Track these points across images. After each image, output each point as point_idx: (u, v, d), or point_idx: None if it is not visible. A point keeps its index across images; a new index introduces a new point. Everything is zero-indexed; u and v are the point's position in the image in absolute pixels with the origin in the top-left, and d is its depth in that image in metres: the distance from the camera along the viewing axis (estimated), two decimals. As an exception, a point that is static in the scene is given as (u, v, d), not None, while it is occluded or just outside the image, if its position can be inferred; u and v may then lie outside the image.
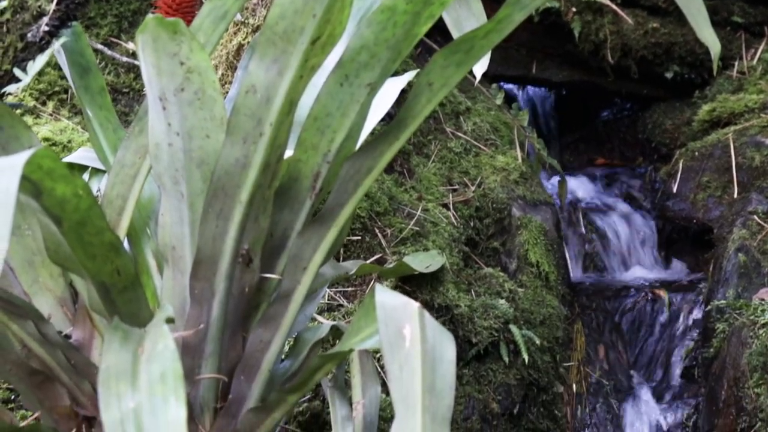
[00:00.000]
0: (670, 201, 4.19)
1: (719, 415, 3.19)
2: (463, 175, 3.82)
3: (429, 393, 1.24)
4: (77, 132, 3.08)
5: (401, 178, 3.53)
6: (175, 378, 1.02)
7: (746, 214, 3.58)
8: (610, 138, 5.29)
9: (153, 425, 0.99)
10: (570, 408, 3.63)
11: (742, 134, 3.96)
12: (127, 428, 0.99)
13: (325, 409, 2.44)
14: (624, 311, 3.95)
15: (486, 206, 3.77)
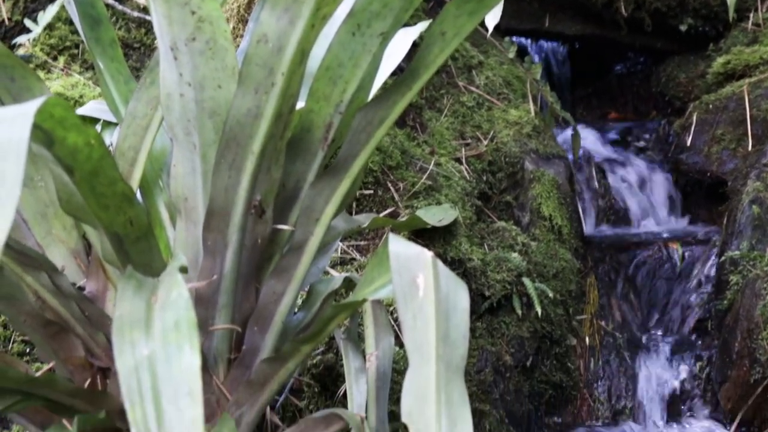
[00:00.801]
0: (683, 154, 4.17)
1: (732, 367, 3.19)
2: (475, 129, 3.80)
3: (443, 342, 1.24)
4: (89, 87, 3.07)
5: (414, 133, 3.52)
6: (189, 326, 1.02)
7: (761, 166, 3.56)
8: (624, 92, 5.26)
9: (167, 373, 0.99)
10: (583, 360, 3.63)
11: (757, 86, 3.93)
12: (141, 376, 0.99)
13: (338, 361, 2.44)
14: (637, 264, 3.94)
15: (499, 160, 3.76)
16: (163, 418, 0.96)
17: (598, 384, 3.61)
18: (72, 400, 1.35)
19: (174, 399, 0.97)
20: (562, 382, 3.51)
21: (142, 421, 0.96)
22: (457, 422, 1.27)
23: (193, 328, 1.02)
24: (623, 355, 3.65)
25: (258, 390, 1.61)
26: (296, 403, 2.32)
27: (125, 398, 0.96)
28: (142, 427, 0.95)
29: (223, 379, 1.68)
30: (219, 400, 1.65)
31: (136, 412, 0.96)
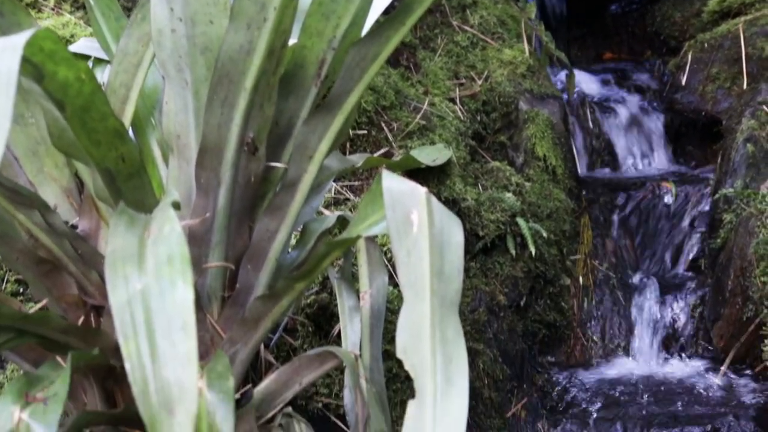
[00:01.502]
0: (678, 94, 4.15)
1: (725, 305, 3.20)
2: (469, 69, 3.78)
3: (437, 277, 1.24)
4: (80, 26, 3.04)
5: (407, 73, 3.50)
6: (182, 260, 1.02)
7: (755, 104, 3.55)
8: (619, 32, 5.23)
9: (160, 307, 0.98)
10: (576, 300, 3.64)
11: (752, 24, 3.91)
12: (135, 310, 0.98)
13: (332, 301, 2.44)
14: (631, 204, 3.94)
15: (493, 100, 3.75)
16: (157, 352, 0.96)
17: (591, 323, 3.62)
18: (65, 338, 1.35)
19: (168, 333, 0.96)
20: (556, 322, 3.52)
21: (135, 355, 0.95)
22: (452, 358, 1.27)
23: (186, 262, 1.02)
24: (617, 294, 3.66)
25: (252, 328, 1.61)
26: (290, 342, 2.32)
27: (119, 332, 0.96)
28: (136, 361, 0.95)
29: (217, 317, 1.68)
30: (213, 338, 1.65)
31: (129, 346, 0.96)
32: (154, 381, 0.94)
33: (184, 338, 0.96)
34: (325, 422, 2.34)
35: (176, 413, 0.94)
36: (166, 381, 0.94)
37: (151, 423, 0.93)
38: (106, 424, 1.42)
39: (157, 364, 0.95)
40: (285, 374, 1.74)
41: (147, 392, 0.94)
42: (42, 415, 1.09)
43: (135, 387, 0.94)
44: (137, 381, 0.94)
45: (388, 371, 2.47)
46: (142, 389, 0.94)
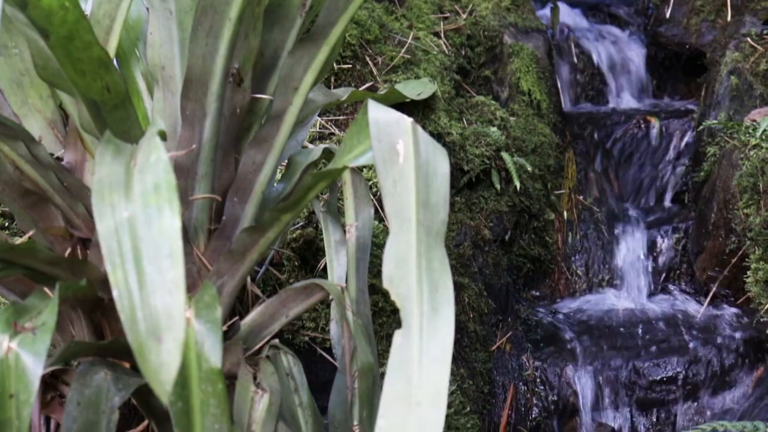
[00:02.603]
0: (662, 27, 4.14)
1: (708, 238, 3.22)
2: (454, 3, 3.76)
3: (423, 207, 1.24)
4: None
5: (392, 6, 3.48)
6: (169, 188, 1.02)
7: (739, 36, 3.55)
8: (603, -35, 5.19)
9: (147, 234, 0.98)
10: (561, 234, 3.66)
11: (737, -44, 3.89)
12: (122, 237, 0.98)
13: (318, 235, 2.45)
14: (615, 139, 3.94)
15: (477, 34, 3.73)
16: (145, 279, 0.96)
17: (575, 257, 3.64)
18: (53, 269, 1.35)
19: (155, 260, 0.96)
20: (541, 256, 3.54)
21: (123, 282, 0.96)
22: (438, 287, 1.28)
23: (172, 190, 1.01)
24: (601, 228, 3.67)
25: (238, 260, 1.61)
26: (277, 276, 2.33)
27: (106, 260, 0.96)
28: (124, 288, 0.95)
29: (203, 250, 1.68)
30: (200, 270, 1.65)
31: (117, 273, 0.96)
32: (142, 308, 0.95)
33: (172, 265, 0.96)
34: (311, 355, 2.36)
35: (164, 340, 0.94)
36: (153, 308, 0.95)
37: (139, 350, 0.93)
38: (95, 356, 1.43)
39: (144, 291, 0.95)
40: (272, 306, 1.75)
41: (135, 319, 0.94)
42: (31, 345, 1.09)
43: (123, 314, 0.94)
44: (125, 308, 0.94)
45: (374, 305, 2.48)
46: (129, 316, 0.94)
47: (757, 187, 2.72)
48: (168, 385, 0.93)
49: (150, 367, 0.93)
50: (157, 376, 0.93)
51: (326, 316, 2.41)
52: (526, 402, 3.01)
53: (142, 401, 1.52)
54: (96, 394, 1.37)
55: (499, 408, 2.95)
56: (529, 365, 3.07)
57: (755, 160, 2.79)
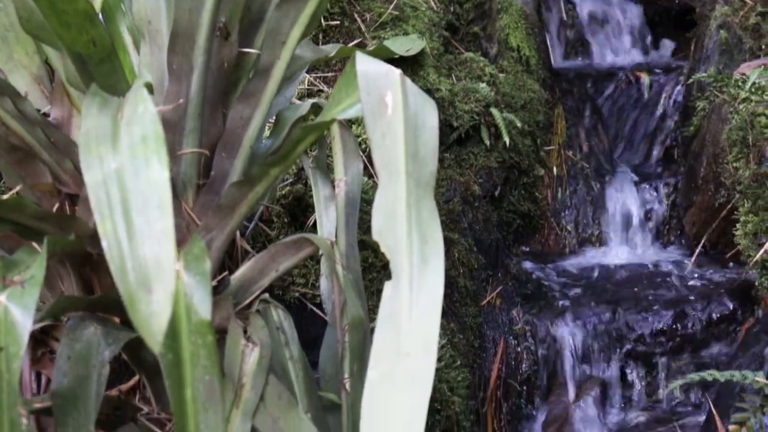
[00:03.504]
0: (652, -19, 4.13)
1: (698, 192, 3.22)
2: (442, -41, 3.74)
3: (412, 159, 1.24)
4: None
5: (379, -38, 3.45)
6: (157, 140, 1.01)
7: (729, -10, 3.54)
8: None
9: (136, 185, 0.98)
10: (550, 190, 3.66)
11: None
12: (110, 189, 0.98)
13: (307, 192, 2.44)
14: (605, 95, 3.94)
15: (466, -10, 3.72)
16: (134, 230, 0.96)
17: (565, 213, 3.65)
18: (41, 224, 1.34)
19: (143, 211, 0.96)
20: (530, 212, 3.55)
21: (112, 233, 0.95)
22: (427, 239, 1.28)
23: (160, 141, 1.01)
24: (590, 184, 3.68)
25: (227, 214, 1.61)
26: (267, 232, 2.33)
27: (94, 211, 0.96)
28: (113, 239, 0.95)
29: (192, 205, 1.67)
30: (188, 225, 1.65)
31: (106, 224, 0.95)
32: (131, 259, 0.95)
33: (160, 216, 0.96)
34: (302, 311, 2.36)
35: (154, 290, 0.94)
36: (143, 259, 0.95)
37: (129, 301, 0.93)
38: (84, 310, 1.43)
39: (133, 242, 0.95)
40: (261, 261, 1.75)
41: (124, 270, 0.94)
42: (20, 298, 1.09)
43: (112, 265, 0.94)
44: (114, 259, 0.94)
45: (364, 261, 2.48)
46: (119, 267, 0.94)
47: (747, 140, 2.72)
48: (159, 335, 0.93)
49: (140, 318, 0.93)
50: (148, 327, 0.93)
51: (316, 272, 2.41)
52: (516, 356, 3.03)
53: (133, 356, 1.53)
54: (86, 349, 1.37)
55: (489, 362, 2.96)
56: (519, 319, 3.08)
57: (744, 113, 2.79)
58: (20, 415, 1.09)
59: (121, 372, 1.63)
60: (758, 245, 2.59)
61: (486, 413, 2.87)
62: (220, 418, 1.17)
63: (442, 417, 2.45)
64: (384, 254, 1.26)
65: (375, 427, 1.25)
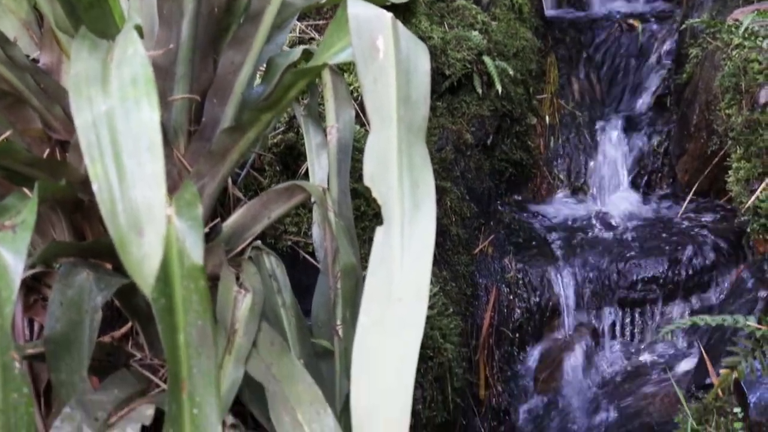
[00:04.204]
0: (644, -74, 4.10)
1: (690, 140, 3.22)
2: None
3: (404, 104, 1.23)
4: None
5: None
6: (147, 82, 1.01)
7: (723, -64, 3.52)
8: None
9: (126, 127, 0.97)
10: (543, 139, 3.66)
11: None
12: (100, 131, 0.97)
13: (299, 140, 2.44)
14: (597, 43, 3.92)
15: (458, -64, 3.68)
16: (124, 172, 0.95)
17: (557, 162, 3.65)
18: (31, 170, 1.34)
19: (134, 153, 0.96)
20: (522, 160, 3.54)
21: (102, 176, 0.95)
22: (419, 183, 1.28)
23: (150, 84, 1.00)
24: (583, 132, 3.67)
25: (219, 161, 1.60)
26: (259, 180, 2.32)
27: (85, 154, 0.95)
28: (103, 182, 0.95)
29: (183, 152, 1.67)
30: (180, 171, 1.64)
31: (96, 167, 0.95)
32: (122, 201, 0.94)
33: (151, 159, 0.95)
34: (294, 260, 2.36)
35: (145, 233, 0.94)
36: (134, 201, 0.94)
37: (120, 244, 0.93)
38: (76, 256, 1.42)
39: (124, 184, 0.95)
40: (253, 208, 1.74)
41: (115, 213, 0.94)
42: (11, 243, 1.09)
43: (103, 208, 0.93)
44: (105, 202, 0.94)
45: (356, 209, 2.48)
46: (110, 210, 0.93)
47: (739, 86, 2.71)
48: (150, 278, 0.93)
49: (132, 261, 0.93)
50: (140, 270, 0.93)
51: (308, 220, 2.41)
52: (509, 304, 3.04)
53: (126, 302, 1.53)
54: (78, 294, 1.37)
55: (481, 310, 2.97)
56: (511, 268, 3.09)
57: (737, 59, 2.78)
58: (13, 359, 1.09)
59: (114, 319, 1.64)
60: (750, 191, 2.59)
61: (478, 360, 2.88)
62: (213, 363, 1.18)
63: (434, 364, 2.46)
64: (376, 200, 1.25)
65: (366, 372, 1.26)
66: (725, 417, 2.04)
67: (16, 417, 1.10)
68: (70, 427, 1.20)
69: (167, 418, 1.14)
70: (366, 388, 1.26)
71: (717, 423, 2.03)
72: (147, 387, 1.49)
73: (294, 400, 1.46)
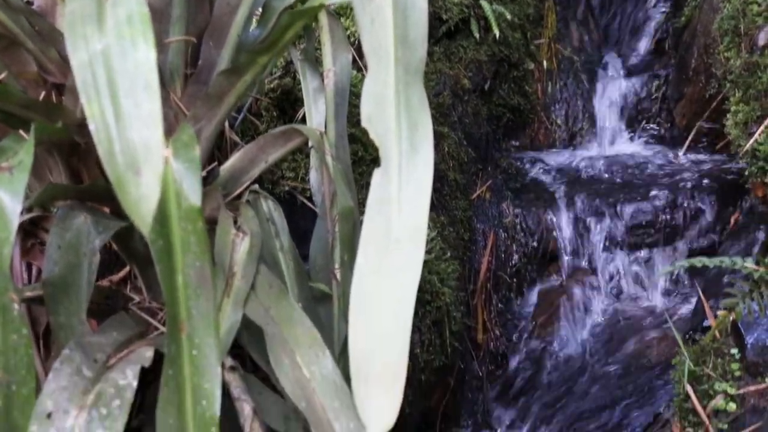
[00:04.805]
0: None
1: (688, 84, 3.21)
2: None
3: (401, 44, 1.22)
4: None
5: None
6: (143, 21, 1.00)
7: None
8: None
9: (122, 66, 0.97)
10: (540, 84, 3.65)
11: None
12: (97, 70, 0.97)
13: (296, 85, 2.43)
14: (595, -12, 3.90)
15: None
16: (121, 112, 0.95)
17: (555, 107, 3.64)
18: (27, 113, 1.33)
19: (131, 93, 0.95)
20: (520, 106, 3.53)
21: (99, 116, 0.94)
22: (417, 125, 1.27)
23: (146, 22, 0.99)
24: (581, 78, 3.66)
25: (216, 104, 1.59)
26: (256, 125, 2.31)
27: (81, 93, 0.94)
28: (100, 121, 0.94)
29: (180, 95, 1.66)
30: (177, 115, 1.63)
31: (93, 107, 0.94)
32: (119, 141, 0.94)
33: (148, 98, 0.95)
34: (292, 206, 2.36)
35: (143, 173, 0.93)
36: (131, 141, 0.94)
37: (118, 183, 0.93)
38: (73, 199, 1.42)
39: (121, 124, 0.94)
40: (251, 152, 1.74)
41: (112, 153, 0.93)
42: (8, 184, 1.08)
43: (100, 148, 0.93)
44: (102, 142, 0.93)
45: (354, 154, 2.48)
46: (107, 150, 0.93)
47: (738, 29, 2.70)
48: (148, 218, 0.93)
49: (130, 200, 0.92)
50: (138, 209, 0.93)
51: (305, 166, 2.41)
52: (506, 248, 3.04)
53: (123, 246, 1.53)
54: (76, 237, 1.37)
55: (479, 255, 2.97)
56: (509, 212, 3.09)
57: (736, 2, 2.76)
58: (12, 300, 1.09)
59: (112, 263, 1.64)
60: (748, 134, 2.58)
61: (476, 305, 2.89)
62: (212, 305, 1.18)
63: (432, 308, 2.47)
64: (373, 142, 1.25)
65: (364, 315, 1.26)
66: (722, 358, 2.05)
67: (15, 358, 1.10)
68: (70, 368, 1.20)
69: (166, 360, 1.14)
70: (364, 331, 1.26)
71: (714, 364, 2.04)
72: (145, 330, 1.50)
73: (293, 343, 1.46)
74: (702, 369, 2.05)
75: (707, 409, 1.98)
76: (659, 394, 2.50)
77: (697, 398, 2.01)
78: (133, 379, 1.23)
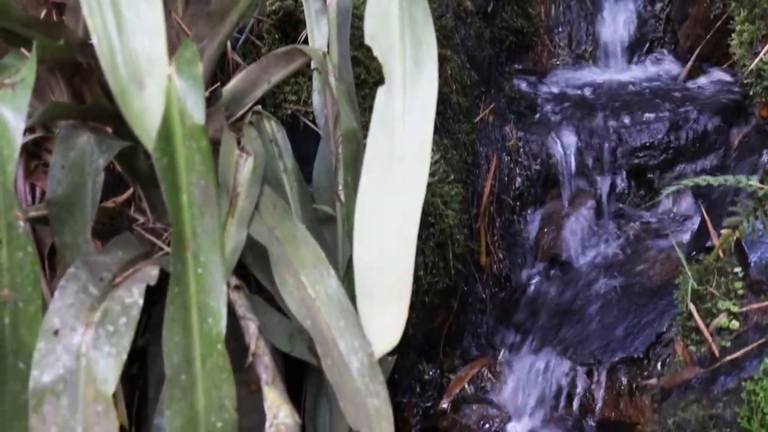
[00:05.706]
0: None
1: (693, 4, 3.19)
2: None
3: (405, -41, 1.21)
4: None
5: None
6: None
7: None
8: None
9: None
10: (544, 6, 3.61)
11: None
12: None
13: (298, 8, 2.40)
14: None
15: None
16: (123, 23, 0.94)
17: (558, 30, 3.61)
18: (28, 31, 1.32)
19: (133, 3, 0.94)
20: (523, 28, 3.50)
21: (101, 28, 0.94)
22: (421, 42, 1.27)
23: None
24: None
25: (218, 22, 1.58)
26: (258, 46, 2.30)
27: (83, 5, 0.93)
28: (102, 33, 0.93)
29: (181, 15, 1.65)
30: (178, 34, 1.63)
31: (95, 18, 0.93)
32: (122, 53, 0.93)
33: (150, 9, 0.94)
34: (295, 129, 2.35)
35: (146, 85, 0.93)
36: (134, 52, 0.93)
37: (121, 97, 0.92)
38: (75, 118, 1.42)
39: (123, 35, 0.93)
40: (253, 72, 1.73)
41: (115, 65, 0.92)
42: (11, 101, 1.08)
43: (103, 60, 0.92)
44: (105, 54, 0.93)
45: (357, 77, 2.46)
46: (110, 62, 0.92)
47: (744, -54, 2.67)
48: (152, 131, 0.93)
49: (133, 114, 0.92)
50: (142, 123, 0.92)
51: (308, 89, 2.39)
52: (509, 172, 3.03)
53: (127, 166, 1.53)
54: (80, 156, 1.37)
55: (482, 178, 2.97)
56: (512, 136, 3.08)
57: None
58: (17, 218, 1.09)
59: (116, 185, 1.64)
60: (753, 54, 2.56)
61: (479, 228, 2.90)
62: (217, 223, 1.18)
63: (436, 230, 2.47)
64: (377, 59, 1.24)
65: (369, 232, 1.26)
66: (725, 277, 2.05)
67: (21, 276, 1.11)
68: (76, 286, 1.21)
69: (172, 278, 1.14)
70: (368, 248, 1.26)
71: (717, 283, 2.05)
72: (150, 250, 1.50)
73: (297, 263, 1.46)
74: (705, 288, 2.05)
75: (710, 327, 1.99)
76: (662, 314, 2.50)
77: (700, 317, 2.02)
78: (139, 297, 1.23)
